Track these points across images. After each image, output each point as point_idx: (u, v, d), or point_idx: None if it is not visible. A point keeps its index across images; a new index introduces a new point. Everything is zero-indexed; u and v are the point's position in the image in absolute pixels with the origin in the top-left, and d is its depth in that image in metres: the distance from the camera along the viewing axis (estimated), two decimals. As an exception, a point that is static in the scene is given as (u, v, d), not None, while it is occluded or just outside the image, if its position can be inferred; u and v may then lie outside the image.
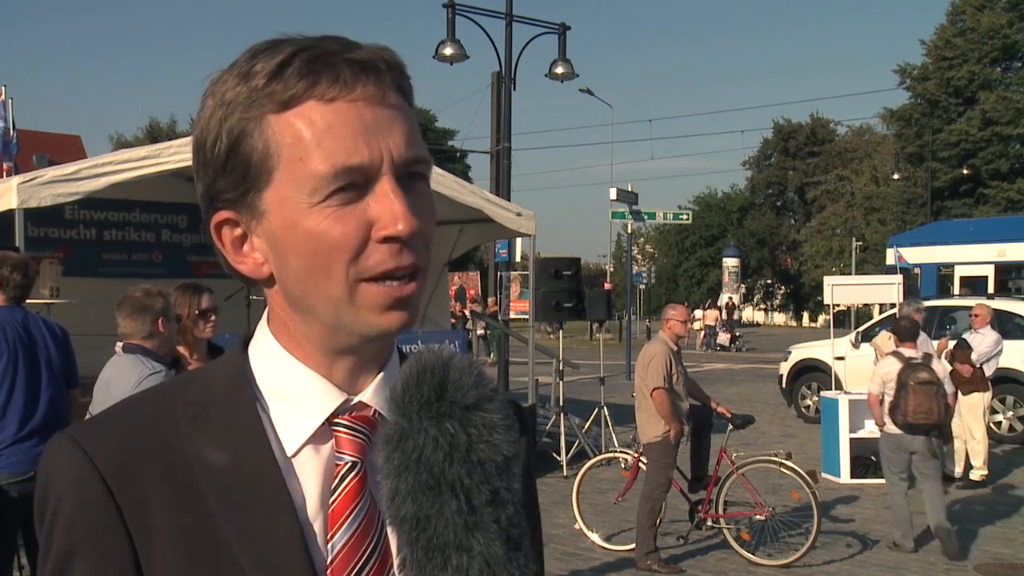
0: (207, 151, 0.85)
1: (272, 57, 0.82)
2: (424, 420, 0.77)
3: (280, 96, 0.82)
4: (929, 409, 7.13)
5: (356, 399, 0.88)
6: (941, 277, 19.95)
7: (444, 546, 0.76)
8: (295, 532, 0.82)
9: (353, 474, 0.85)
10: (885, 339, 9.60)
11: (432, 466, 0.76)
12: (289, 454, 0.85)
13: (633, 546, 6.98)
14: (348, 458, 0.86)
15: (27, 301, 4.69)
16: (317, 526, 0.84)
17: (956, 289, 19.00)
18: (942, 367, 7.56)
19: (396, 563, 0.78)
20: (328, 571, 0.82)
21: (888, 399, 7.36)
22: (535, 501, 1.03)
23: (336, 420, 0.87)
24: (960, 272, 19.77)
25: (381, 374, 0.89)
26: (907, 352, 7.50)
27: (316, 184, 0.81)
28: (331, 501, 0.84)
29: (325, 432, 0.86)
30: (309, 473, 0.85)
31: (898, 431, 7.30)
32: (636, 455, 7.14)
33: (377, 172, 0.82)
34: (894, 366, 7.41)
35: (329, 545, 0.83)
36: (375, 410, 0.87)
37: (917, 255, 19.75)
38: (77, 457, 0.82)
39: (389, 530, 0.81)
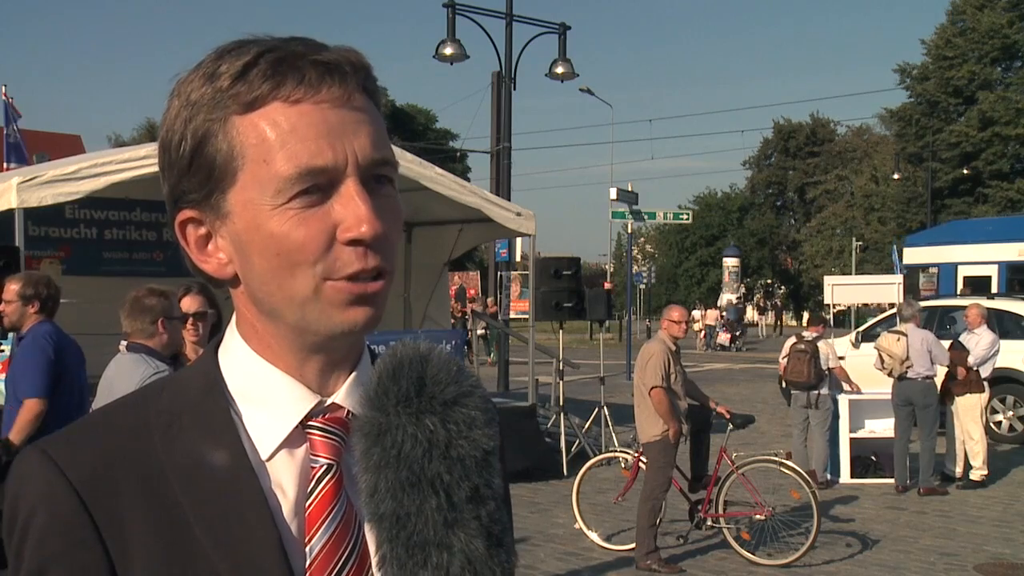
0: (172, 151, 0.85)
1: (238, 58, 0.82)
2: (403, 416, 0.77)
3: (245, 97, 0.81)
4: (800, 371, 9.52)
5: (329, 400, 0.87)
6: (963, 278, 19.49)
7: (424, 543, 0.75)
8: (272, 537, 0.81)
9: (329, 476, 0.84)
10: (893, 341, 9.50)
11: (411, 463, 0.76)
12: (264, 458, 0.84)
13: (633, 546, 6.98)
14: (323, 460, 0.85)
15: None
16: (294, 530, 0.83)
17: (959, 289, 18.72)
18: (826, 346, 9.81)
19: (375, 561, 0.78)
20: (307, 574, 0.82)
21: None
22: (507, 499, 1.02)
23: (310, 423, 0.86)
24: (965, 272, 19.45)
25: (353, 374, 0.88)
26: (806, 333, 9.97)
27: (280, 186, 0.80)
28: (307, 504, 0.83)
29: (299, 435, 0.85)
30: (285, 477, 0.85)
31: (795, 392, 9.77)
32: (636, 455, 7.14)
33: (342, 174, 0.81)
34: (791, 342, 9.91)
35: (307, 548, 0.82)
36: (348, 411, 0.86)
37: (934, 254, 19.45)
38: (48, 471, 0.81)
39: (367, 527, 0.80)
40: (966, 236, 20.27)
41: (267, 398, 0.86)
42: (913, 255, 20.65)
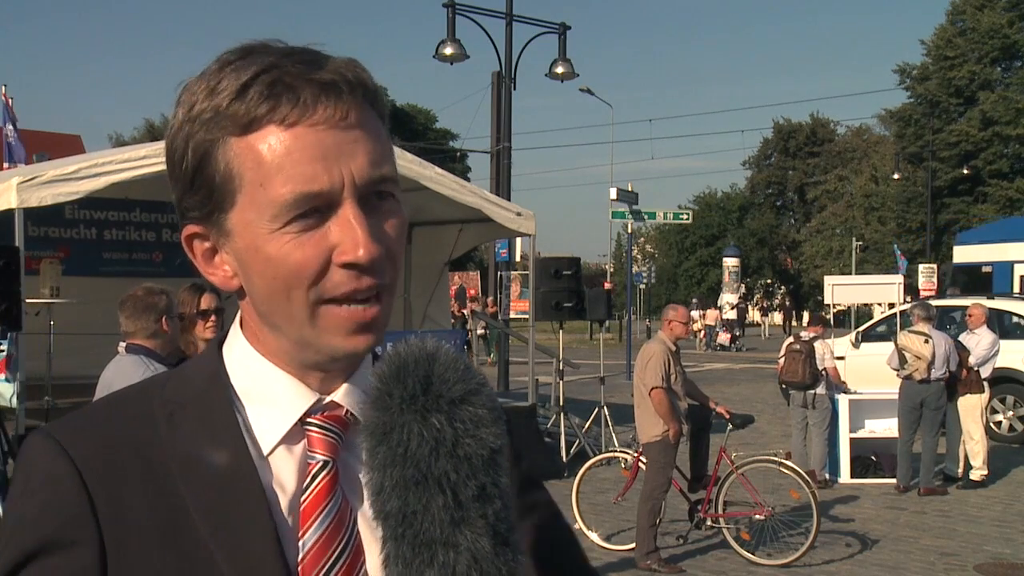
0: (175, 165, 0.86)
1: (237, 76, 0.82)
2: (408, 414, 0.76)
3: (243, 119, 0.82)
4: (794, 370, 9.51)
5: (328, 399, 0.88)
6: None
7: (430, 542, 0.75)
8: (269, 529, 0.83)
9: (324, 473, 0.86)
10: (921, 343, 9.33)
11: (418, 461, 0.76)
12: (264, 453, 0.86)
13: (633, 546, 6.98)
14: (320, 457, 0.86)
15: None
16: (290, 523, 0.85)
17: (1015, 288, 18.03)
18: (823, 346, 9.77)
19: (380, 559, 0.78)
20: (299, 567, 0.83)
21: None
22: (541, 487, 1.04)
23: (308, 420, 0.88)
24: (1023, 271, 18.49)
25: (353, 375, 0.90)
26: (804, 333, 10.01)
27: (276, 210, 0.81)
28: (302, 499, 0.85)
29: (298, 432, 0.87)
30: (283, 472, 0.86)
31: (793, 391, 9.85)
32: (636, 455, 7.15)
33: (339, 197, 0.81)
34: (788, 342, 9.97)
35: (300, 542, 0.84)
36: (347, 410, 0.88)
37: (987, 253, 18.91)
38: (53, 452, 0.83)
39: (372, 525, 0.81)
40: (1023, 233, 19.53)
41: (268, 395, 0.88)
42: (964, 253, 20.00)
